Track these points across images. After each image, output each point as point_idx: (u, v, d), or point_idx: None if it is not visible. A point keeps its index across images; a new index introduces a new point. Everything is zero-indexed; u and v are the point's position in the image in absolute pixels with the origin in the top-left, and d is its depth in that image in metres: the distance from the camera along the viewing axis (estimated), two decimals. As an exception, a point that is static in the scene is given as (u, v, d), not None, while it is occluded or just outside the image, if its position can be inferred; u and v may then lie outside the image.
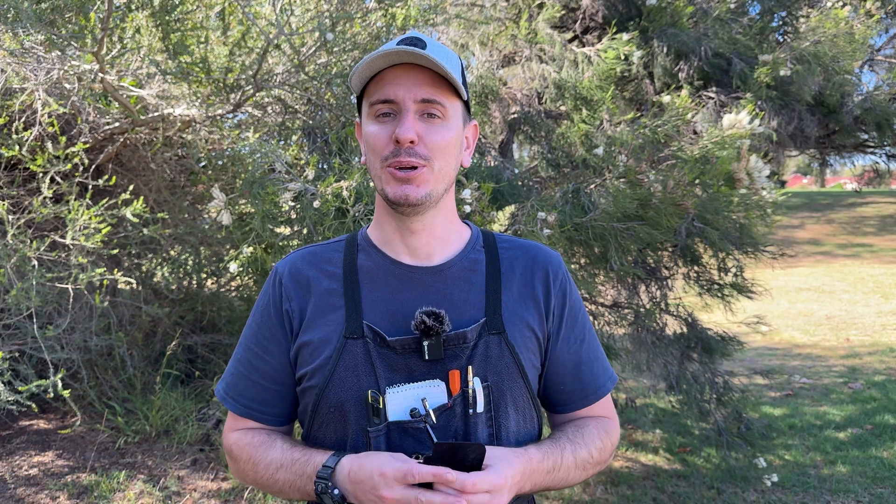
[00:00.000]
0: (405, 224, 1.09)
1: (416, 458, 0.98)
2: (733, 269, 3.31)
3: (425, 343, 1.03)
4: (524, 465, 0.99)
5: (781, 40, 4.29)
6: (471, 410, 1.03)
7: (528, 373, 1.08)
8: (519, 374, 1.07)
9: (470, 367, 1.04)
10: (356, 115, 3.19)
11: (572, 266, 2.89)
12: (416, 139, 1.01)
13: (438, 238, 1.11)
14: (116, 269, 3.33)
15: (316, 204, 2.25)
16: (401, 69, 1.02)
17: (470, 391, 1.03)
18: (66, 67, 2.78)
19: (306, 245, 1.21)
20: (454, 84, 1.02)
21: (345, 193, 2.24)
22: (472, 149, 1.15)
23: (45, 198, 2.93)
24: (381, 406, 1.02)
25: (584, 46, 3.79)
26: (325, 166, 2.85)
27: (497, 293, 1.10)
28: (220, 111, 3.15)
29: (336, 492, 0.97)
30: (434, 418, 1.02)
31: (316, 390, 1.06)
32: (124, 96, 2.96)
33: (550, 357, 1.14)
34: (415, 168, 1.02)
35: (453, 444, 0.93)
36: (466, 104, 1.10)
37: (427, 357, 1.03)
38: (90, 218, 2.84)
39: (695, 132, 3.40)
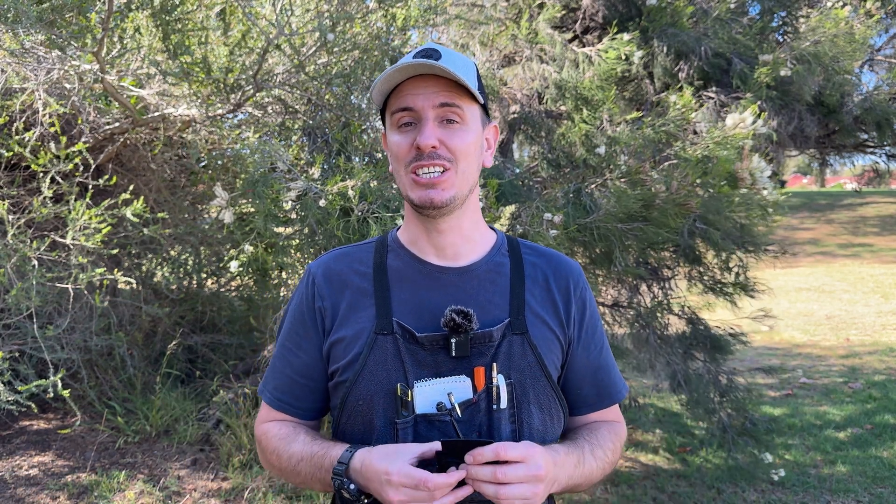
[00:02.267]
0: (433, 225, 1.14)
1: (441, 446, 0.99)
2: (736, 269, 3.32)
3: (453, 340, 1.07)
4: (551, 453, 1.02)
5: (781, 40, 4.29)
6: (494, 406, 1.07)
7: (550, 372, 1.12)
8: (542, 374, 1.11)
9: (494, 365, 1.08)
10: (364, 110, 3.19)
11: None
12: (438, 144, 1.06)
13: (466, 238, 1.16)
14: (116, 269, 3.33)
15: (322, 203, 2.25)
16: (419, 79, 1.07)
17: (494, 388, 1.07)
18: (66, 67, 2.77)
19: (337, 247, 1.27)
20: (470, 89, 1.06)
21: (350, 193, 2.24)
22: (493, 149, 1.19)
23: (45, 198, 2.93)
24: (409, 399, 1.07)
25: (584, 46, 3.79)
26: (325, 166, 2.85)
27: (521, 295, 1.14)
28: (220, 111, 3.15)
29: (352, 486, 1.01)
30: (459, 412, 1.06)
31: (347, 384, 1.10)
32: (124, 96, 2.96)
33: (570, 362, 1.19)
34: (441, 171, 1.07)
35: (463, 441, 0.95)
36: (484, 107, 1.15)
37: (454, 354, 1.08)
38: (90, 218, 2.84)
39: (695, 132, 3.40)
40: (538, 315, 1.14)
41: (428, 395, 1.07)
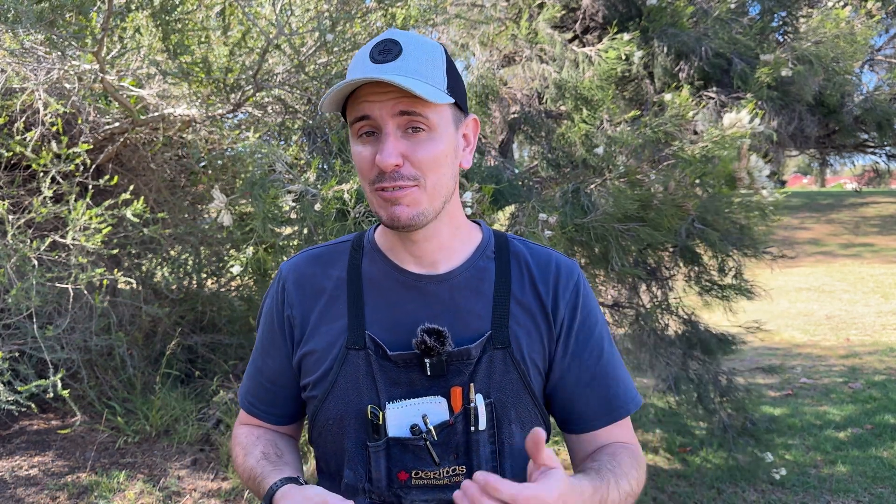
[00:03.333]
0: (408, 236, 1.04)
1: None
2: (733, 270, 3.32)
3: (427, 361, 1.00)
4: (576, 493, 0.87)
5: (781, 40, 4.29)
6: (472, 428, 1.00)
7: (534, 388, 1.05)
8: (525, 390, 1.04)
9: (472, 385, 1.01)
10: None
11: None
12: (401, 161, 0.94)
13: (444, 247, 1.06)
14: (116, 269, 3.33)
15: (317, 206, 2.25)
16: (375, 84, 0.93)
17: (472, 408, 1.00)
18: (66, 67, 2.78)
19: (311, 246, 1.19)
20: (431, 97, 0.92)
21: (346, 196, 2.24)
22: (474, 146, 1.07)
23: (45, 198, 2.93)
24: (380, 422, 1.00)
25: (584, 46, 3.79)
26: (325, 167, 2.85)
27: (505, 304, 1.05)
28: (220, 111, 3.15)
29: None
30: (435, 435, 1.00)
31: (316, 401, 1.05)
32: (124, 96, 2.96)
33: (557, 370, 1.07)
34: (403, 189, 0.96)
35: None
36: (458, 103, 1.01)
37: (429, 373, 1.00)
38: (90, 218, 2.84)
39: (695, 132, 3.40)
40: (524, 325, 1.04)
41: (401, 417, 1.00)
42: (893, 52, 5.32)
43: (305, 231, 2.43)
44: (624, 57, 3.41)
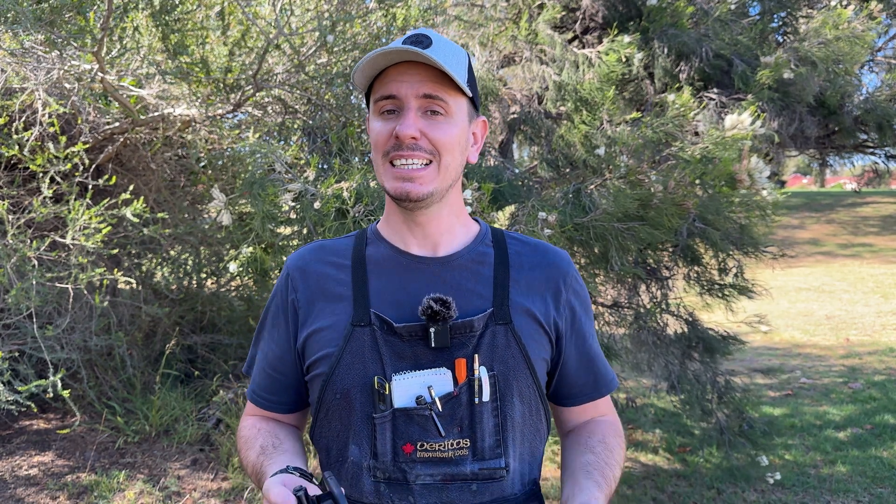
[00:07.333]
0: (411, 217, 1.10)
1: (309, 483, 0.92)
2: (733, 270, 3.31)
3: (432, 330, 1.03)
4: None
5: (781, 41, 4.29)
6: (476, 399, 1.04)
7: (534, 364, 1.09)
8: (525, 365, 1.08)
9: (476, 356, 1.05)
10: (364, 111, 3.19)
11: (572, 266, 2.87)
12: (418, 135, 1.02)
13: (446, 230, 1.13)
14: (116, 269, 3.33)
15: (316, 205, 2.25)
16: (404, 66, 1.03)
17: (476, 380, 1.04)
18: (65, 67, 2.77)
19: (317, 240, 1.25)
20: (457, 82, 1.02)
21: (345, 194, 2.24)
22: (480, 145, 1.15)
23: (45, 198, 2.93)
24: (387, 392, 1.03)
25: (584, 47, 3.79)
26: (325, 166, 2.85)
27: (505, 285, 1.11)
28: (220, 111, 3.15)
29: None
30: (440, 406, 1.03)
31: (323, 378, 1.07)
32: (124, 96, 2.95)
33: (566, 351, 1.16)
34: (422, 164, 1.03)
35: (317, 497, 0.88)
36: (473, 100, 1.10)
37: (433, 345, 1.04)
38: (90, 218, 2.84)
39: (696, 133, 3.40)
40: (523, 305, 1.10)
41: (407, 388, 1.03)
42: (893, 52, 5.33)
43: (305, 230, 2.43)
44: (624, 59, 3.41)
